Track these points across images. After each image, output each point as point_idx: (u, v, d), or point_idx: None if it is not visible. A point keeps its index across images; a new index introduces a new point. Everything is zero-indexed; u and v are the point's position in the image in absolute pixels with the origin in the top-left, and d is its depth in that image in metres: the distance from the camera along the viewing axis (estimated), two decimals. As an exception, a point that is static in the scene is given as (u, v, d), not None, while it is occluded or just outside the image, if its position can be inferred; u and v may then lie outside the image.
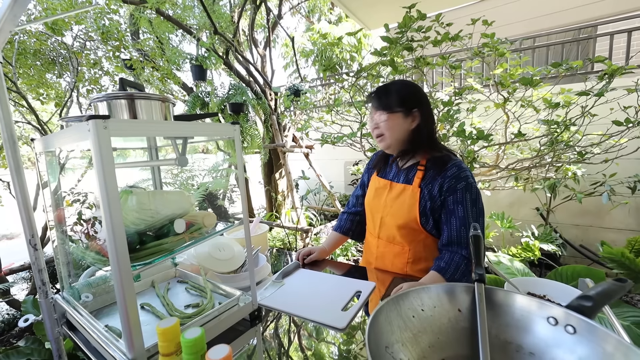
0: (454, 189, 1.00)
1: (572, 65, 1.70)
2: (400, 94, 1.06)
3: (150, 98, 0.65)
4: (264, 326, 0.89)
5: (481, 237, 0.64)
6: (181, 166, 0.65)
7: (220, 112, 3.68)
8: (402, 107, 1.05)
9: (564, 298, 0.79)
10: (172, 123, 0.66)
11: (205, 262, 1.06)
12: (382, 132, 1.08)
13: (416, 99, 1.07)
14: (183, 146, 0.67)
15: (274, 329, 0.88)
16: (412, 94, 1.08)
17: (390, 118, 1.06)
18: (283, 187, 4.43)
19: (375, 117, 1.09)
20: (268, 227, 3.64)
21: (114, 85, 3.01)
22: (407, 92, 1.07)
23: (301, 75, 3.78)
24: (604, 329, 0.41)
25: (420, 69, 2.15)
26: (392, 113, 1.05)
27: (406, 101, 1.05)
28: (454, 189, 1.01)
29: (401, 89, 1.08)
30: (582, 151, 1.72)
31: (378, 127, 1.09)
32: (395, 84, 1.11)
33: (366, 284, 1.02)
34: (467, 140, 1.80)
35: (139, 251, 0.63)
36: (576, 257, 3.23)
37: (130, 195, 0.64)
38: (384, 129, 1.07)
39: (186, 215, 0.74)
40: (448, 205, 1.01)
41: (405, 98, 1.06)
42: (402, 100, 1.05)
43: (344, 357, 0.74)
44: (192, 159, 3.93)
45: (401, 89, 1.08)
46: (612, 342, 0.40)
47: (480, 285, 0.54)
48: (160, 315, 0.80)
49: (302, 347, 0.80)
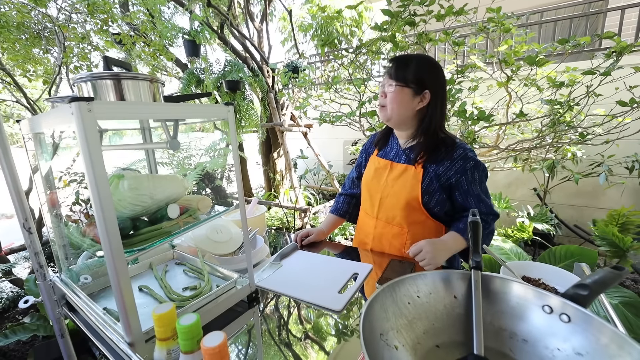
0: (464, 169, 1.01)
1: (580, 42, 1.63)
2: (418, 70, 1.00)
3: (138, 78, 0.61)
4: (263, 306, 0.90)
5: (480, 223, 0.63)
6: (173, 150, 0.63)
7: (216, 90, 3.59)
8: (414, 84, 1.00)
9: (558, 281, 0.80)
10: (162, 105, 0.63)
11: (202, 244, 1.06)
12: (385, 102, 1.05)
13: (432, 80, 1.02)
14: (174, 129, 0.65)
15: (272, 309, 0.90)
16: (430, 73, 1.02)
17: (397, 91, 1.01)
18: (281, 166, 4.41)
19: (385, 85, 1.04)
20: (266, 208, 3.66)
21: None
22: (425, 71, 1.01)
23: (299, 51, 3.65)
24: (599, 319, 0.41)
25: (422, 46, 2.08)
26: (402, 87, 1.00)
27: (420, 79, 1.00)
28: (464, 170, 1.01)
29: (421, 65, 1.01)
30: (583, 132, 1.69)
31: (384, 96, 1.05)
32: (418, 58, 1.03)
33: (363, 266, 1.03)
34: (468, 121, 1.76)
35: (133, 237, 0.62)
36: (570, 237, 3.28)
37: (121, 179, 0.63)
38: (389, 99, 1.04)
39: (180, 199, 0.73)
40: (462, 186, 1.03)
41: (420, 76, 1.00)
42: (416, 77, 1.00)
43: (341, 334, 0.76)
44: (188, 138, 3.87)
45: (421, 66, 1.01)
46: (606, 332, 0.40)
47: (477, 272, 0.54)
48: (158, 298, 0.80)
49: (299, 326, 0.82)
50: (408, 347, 0.48)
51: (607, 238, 2.02)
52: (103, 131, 0.91)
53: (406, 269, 0.96)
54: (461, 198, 1.05)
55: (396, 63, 1.03)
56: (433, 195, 1.04)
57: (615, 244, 2.02)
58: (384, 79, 1.07)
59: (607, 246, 2.06)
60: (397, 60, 1.04)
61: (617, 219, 2.09)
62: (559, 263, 1.99)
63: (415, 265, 0.99)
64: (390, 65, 1.05)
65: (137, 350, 0.60)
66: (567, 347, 0.43)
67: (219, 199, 3.80)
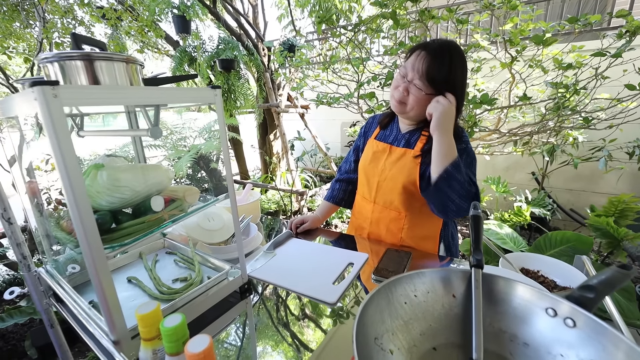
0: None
1: (590, 20, 1.55)
2: (452, 71, 0.89)
3: (113, 59, 0.55)
4: (258, 295, 0.88)
5: (481, 217, 0.60)
6: (154, 138, 0.58)
7: (210, 69, 3.46)
8: (445, 87, 0.89)
9: (558, 273, 0.78)
10: (140, 89, 0.57)
11: (194, 232, 1.03)
12: (406, 99, 0.95)
13: (462, 81, 0.93)
14: (155, 115, 0.59)
15: (266, 299, 0.88)
16: (462, 72, 0.92)
17: (426, 95, 0.91)
18: (278, 148, 4.34)
19: (411, 79, 0.91)
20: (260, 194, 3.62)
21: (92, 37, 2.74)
22: (458, 71, 0.90)
23: (296, 28, 3.49)
24: (605, 325, 0.39)
25: (424, 23, 1.98)
26: (432, 91, 0.89)
27: (452, 82, 0.90)
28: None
29: (456, 64, 0.89)
30: (588, 117, 1.64)
31: (406, 92, 0.94)
32: (455, 55, 0.89)
33: (359, 255, 1.01)
34: (470, 104, 1.70)
35: (114, 231, 0.58)
36: (565, 221, 3.30)
37: (100, 170, 0.58)
38: (412, 101, 0.93)
39: (166, 190, 0.69)
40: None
41: (454, 77, 0.89)
42: (450, 80, 0.89)
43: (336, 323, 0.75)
44: (182, 120, 3.76)
45: (456, 64, 0.89)
46: (613, 339, 0.38)
47: (478, 271, 0.51)
48: (147, 291, 0.78)
49: (293, 317, 0.80)
50: (404, 350, 0.46)
51: (602, 228, 2.02)
52: (83, 115, 0.86)
53: (403, 259, 0.94)
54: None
55: (430, 57, 0.88)
56: (430, 180, 1.02)
57: (609, 234, 2.02)
58: (405, 67, 0.94)
59: (601, 237, 2.06)
60: (433, 54, 0.88)
61: (616, 205, 2.08)
62: (554, 248, 2.00)
63: (412, 256, 0.97)
64: (419, 54, 0.90)
65: (122, 348, 0.57)
66: (572, 354, 0.40)
67: (215, 182, 3.76)
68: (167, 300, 0.75)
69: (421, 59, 0.89)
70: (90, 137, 0.84)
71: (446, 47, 0.90)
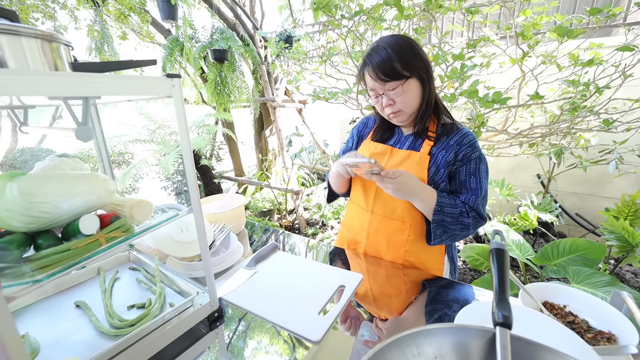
0: (468, 158, 0.90)
1: (614, 12, 1.40)
2: (405, 54, 0.84)
3: (19, 33, 0.41)
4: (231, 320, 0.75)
5: (506, 252, 0.46)
6: (82, 141, 0.44)
7: (203, 60, 3.29)
8: (412, 70, 0.84)
9: (589, 311, 0.65)
10: (66, 75, 0.43)
11: (162, 245, 0.90)
12: (398, 107, 0.88)
13: (422, 57, 0.87)
14: (84, 111, 0.45)
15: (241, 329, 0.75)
16: (415, 50, 0.86)
17: (405, 89, 0.85)
18: (274, 145, 4.19)
19: (388, 92, 0.86)
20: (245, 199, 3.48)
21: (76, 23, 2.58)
22: (410, 50, 0.85)
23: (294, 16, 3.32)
24: None
25: (430, 13, 1.82)
26: (406, 81, 0.84)
27: (414, 62, 0.85)
28: (468, 159, 0.90)
29: (402, 47, 0.84)
30: (608, 119, 1.50)
31: (393, 103, 0.88)
32: (391, 43, 0.85)
33: (352, 275, 0.88)
34: (478, 102, 1.56)
35: (29, 262, 0.45)
36: (570, 226, 3.17)
37: (9, 181, 0.44)
38: (400, 103, 0.87)
39: (107, 205, 0.55)
40: (460, 176, 0.91)
41: (411, 58, 0.84)
42: (408, 62, 0.84)
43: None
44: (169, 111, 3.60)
45: (402, 48, 0.84)
46: None
47: (505, 332, 0.38)
48: (94, 322, 0.65)
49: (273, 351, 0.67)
50: None
51: (616, 232, 1.91)
52: (27, 107, 0.72)
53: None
54: (455, 188, 0.93)
55: (375, 62, 0.84)
56: (439, 185, 0.91)
57: (624, 239, 1.91)
58: (370, 90, 0.90)
59: (615, 240, 1.95)
60: (374, 59, 0.84)
61: (630, 205, 1.96)
62: (563, 257, 1.87)
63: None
64: (368, 70, 0.87)
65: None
66: None
67: (208, 178, 3.61)
68: (115, 336, 0.61)
69: (373, 71, 0.85)
70: (36, 133, 0.70)
71: (377, 45, 0.87)
